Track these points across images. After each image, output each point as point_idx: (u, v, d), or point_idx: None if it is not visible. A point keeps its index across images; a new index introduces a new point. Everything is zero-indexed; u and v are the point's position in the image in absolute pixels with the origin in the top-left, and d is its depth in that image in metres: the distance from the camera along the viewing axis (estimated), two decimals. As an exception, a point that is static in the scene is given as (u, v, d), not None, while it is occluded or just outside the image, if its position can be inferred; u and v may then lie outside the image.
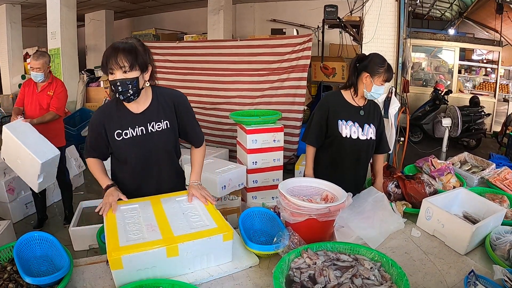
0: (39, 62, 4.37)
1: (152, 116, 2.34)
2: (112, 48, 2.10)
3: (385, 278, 1.77)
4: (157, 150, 2.38)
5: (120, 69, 2.08)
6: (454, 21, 13.61)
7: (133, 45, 2.13)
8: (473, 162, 3.72)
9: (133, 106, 2.31)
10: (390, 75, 2.82)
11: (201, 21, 11.68)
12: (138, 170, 2.41)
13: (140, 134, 2.31)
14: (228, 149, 6.95)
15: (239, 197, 4.44)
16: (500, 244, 2.18)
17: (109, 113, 2.32)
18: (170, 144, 2.44)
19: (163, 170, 2.47)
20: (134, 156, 2.35)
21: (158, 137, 2.35)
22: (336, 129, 2.92)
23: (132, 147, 2.32)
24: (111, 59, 2.06)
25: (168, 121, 2.37)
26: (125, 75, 2.10)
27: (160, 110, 2.35)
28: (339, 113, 2.93)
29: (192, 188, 2.37)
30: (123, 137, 2.30)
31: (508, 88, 12.04)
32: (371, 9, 5.26)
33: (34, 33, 14.36)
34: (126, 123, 2.30)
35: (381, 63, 2.80)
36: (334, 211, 2.12)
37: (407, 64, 5.36)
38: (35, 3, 10.04)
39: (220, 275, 1.95)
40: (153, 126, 2.33)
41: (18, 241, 1.95)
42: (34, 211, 5.20)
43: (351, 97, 2.96)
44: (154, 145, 2.35)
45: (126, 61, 2.07)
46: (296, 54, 6.30)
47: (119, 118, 2.31)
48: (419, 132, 9.56)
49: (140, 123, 2.32)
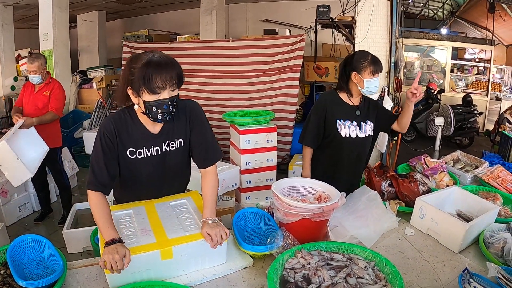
0: (34, 65, 4.38)
1: (168, 135, 2.17)
2: (158, 64, 1.87)
3: (379, 277, 1.78)
4: (170, 169, 2.25)
5: (170, 87, 1.91)
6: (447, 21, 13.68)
7: (174, 59, 1.96)
8: (466, 161, 3.74)
9: (151, 125, 2.13)
10: (376, 66, 2.81)
11: (193, 21, 11.67)
12: (145, 188, 2.29)
13: (155, 154, 2.16)
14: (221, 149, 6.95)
15: (233, 197, 4.44)
16: (494, 241, 2.19)
17: (123, 125, 2.10)
18: (183, 162, 2.31)
19: (173, 188, 2.40)
20: (146, 175, 2.21)
21: (171, 157, 2.22)
22: (335, 129, 2.92)
23: (145, 166, 2.18)
24: (164, 76, 1.86)
25: (182, 139, 2.21)
26: (172, 93, 1.93)
27: (175, 128, 2.18)
28: (336, 113, 2.94)
29: (206, 226, 1.94)
30: (136, 156, 2.13)
31: (500, 87, 12.10)
32: (364, 9, 5.28)
33: (26, 34, 14.27)
34: (142, 142, 2.13)
35: (364, 57, 2.82)
36: (328, 211, 2.12)
37: (400, 63, 5.38)
38: (27, 4, 9.98)
39: (214, 276, 1.94)
40: (168, 145, 2.18)
41: (11, 244, 1.94)
42: (28, 213, 5.20)
43: (347, 97, 2.98)
44: (167, 165, 2.22)
45: (176, 77, 1.91)
46: (289, 54, 6.31)
47: (135, 134, 2.12)
48: (412, 131, 9.58)
49: (156, 143, 2.16)
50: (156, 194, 2.33)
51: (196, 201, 2.33)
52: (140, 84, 1.86)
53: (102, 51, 12.48)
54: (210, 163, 2.26)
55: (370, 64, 2.79)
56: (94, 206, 1.98)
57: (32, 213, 5.26)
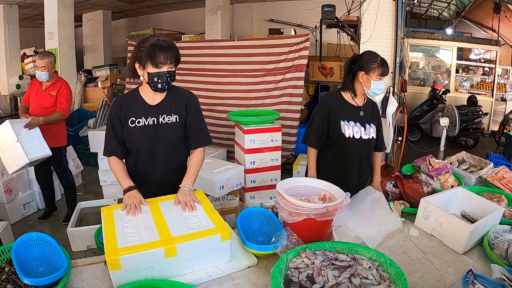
0: (43, 61, 4.41)
1: (165, 109, 2.51)
2: (161, 45, 2.34)
3: (383, 277, 1.78)
4: (164, 141, 2.51)
5: (170, 64, 2.38)
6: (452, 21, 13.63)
7: (174, 44, 2.45)
8: (471, 162, 3.73)
9: (150, 98, 2.51)
10: (385, 69, 2.81)
11: (198, 21, 11.68)
12: (144, 159, 2.54)
13: (151, 124, 2.48)
14: (226, 149, 6.94)
15: (237, 197, 4.43)
16: (498, 243, 2.18)
17: (127, 101, 2.52)
18: (177, 137, 2.54)
19: (168, 162, 2.57)
20: (143, 143, 2.49)
21: (166, 129, 2.50)
22: (339, 130, 2.89)
23: (141, 135, 2.48)
24: (165, 54, 2.34)
25: (178, 115, 2.52)
26: (170, 69, 2.41)
27: (173, 105, 2.53)
28: (340, 114, 2.91)
29: (179, 192, 2.38)
30: (135, 125, 2.47)
31: (505, 88, 12.05)
32: (369, 9, 5.27)
33: (31, 33, 14.32)
34: (141, 112, 2.48)
35: (373, 58, 2.81)
36: (332, 210, 2.12)
37: (405, 63, 5.37)
38: (32, 4, 10.01)
39: (218, 275, 1.94)
40: (164, 118, 2.50)
41: (16, 242, 1.95)
42: (32, 211, 5.21)
43: (350, 97, 2.95)
44: (162, 135, 2.50)
45: (175, 57, 2.40)
46: (294, 54, 6.30)
47: (136, 107, 2.49)
48: (417, 131, 9.56)
49: (153, 114, 2.49)
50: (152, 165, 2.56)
51: (200, 200, 2.33)
52: (147, 59, 2.33)
53: (107, 50, 12.50)
54: (199, 145, 2.61)
55: (380, 66, 2.78)
56: (112, 166, 2.51)
57: (36, 211, 5.28)
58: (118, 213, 2.17)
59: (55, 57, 4.63)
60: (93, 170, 6.01)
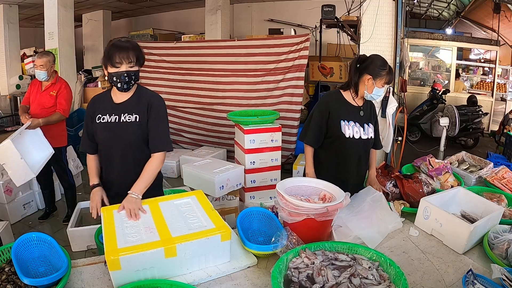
0: (42, 60, 4.41)
1: (127, 108, 2.54)
2: (118, 45, 2.40)
3: (383, 277, 1.78)
4: (122, 139, 2.53)
5: (129, 63, 2.39)
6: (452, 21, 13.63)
7: (136, 43, 2.48)
8: (470, 161, 3.73)
9: (116, 97, 2.57)
10: (391, 78, 2.83)
11: (198, 21, 11.67)
12: (104, 156, 2.63)
13: (113, 121, 2.52)
14: (226, 149, 6.96)
15: (237, 197, 4.44)
16: (498, 243, 2.18)
17: (98, 99, 2.64)
18: (133, 137, 2.53)
19: (124, 162, 2.58)
20: (102, 139, 2.57)
21: (125, 128, 2.51)
22: (338, 130, 2.89)
23: (102, 131, 2.55)
24: (121, 54, 2.37)
25: (138, 115, 2.52)
26: (130, 68, 2.41)
27: (135, 105, 2.54)
28: (340, 114, 2.91)
29: (125, 199, 2.28)
30: (100, 121, 2.54)
31: (505, 88, 12.05)
32: (369, 9, 5.27)
33: (31, 33, 14.31)
34: (106, 109, 2.56)
35: (383, 65, 2.80)
36: (332, 210, 2.12)
37: (405, 63, 5.37)
38: (32, 4, 10.01)
39: (218, 275, 1.95)
40: (125, 117, 2.52)
41: (16, 242, 1.95)
42: (33, 211, 5.21)
43: (351, 97, 2.95)
44: (120, 134, 2.52)
45: (133, 57, 2.40)
46: (294, 54, 6.31)
47: (103, 104, 2.59)
48: (417, 131, 9.57)
49: (116, 111, 2.54)
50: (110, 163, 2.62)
51: (200, 200, 2.34)
52: (106, 59, 2.40)
53: (107, 50, 12.48)
54: (156, 150, 2.56)
55: (387, 75, 2.79)
56: (87, 163, 2.69)
57: (36, 211, 5.28)
58: (118, 214, 2.17)
59: (54, 57, 4.62)
60: (93, 170, 6.01)
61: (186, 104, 7.48)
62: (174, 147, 7.78)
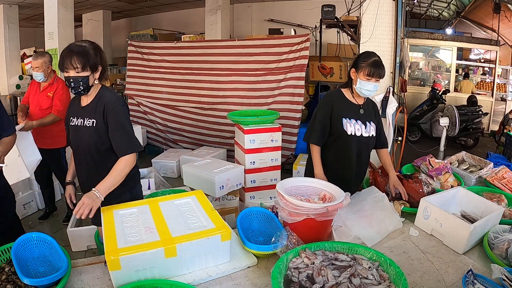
0: (37, 62, 4.38)
1: (87, 112, 2.54)
2: (67, 50, 2.39)
3: (383, 277, 1.78)
4: (83, 143, 2.56)
5: (74, 69, 2.37)
6: (452, 21, 13.64)
7: (85, 48, 2.43)
8: (470, 161, 3.73)
9: (83, 100, 2.59)
10: (374, 71, 2.79)
11: (198, 21, 11.68)
12: (73, 155, 2.73)
13: (78, 125, 2.56)
14: (226, 149, 6.96)
15: (237, 197, 4.43)
16: (498, 243, 2.18)
17: (72, 102, 2.71)
18: (91, 142, 2.52)
19: (87, 165, 2.62)
20: (71, 141, 2.66)
21: (84, 132, 2.53)
22: (341, 127, 2.91)
23: (71, 133, 2.64)
24: (66, 60, 2.36)
25: (95, 120, 2.50)
26: (77, 74, 2.39)
27: (93, 109, 2.52)
28: (342, 111, 2.94)
29: (86, 194, 2.27)
30: (70, 123, 2.62)
31: (505, 88, 12.06)
32: (369, 9, 5.26)
33: (31, 33, 14.33)
34: (74, 112, 2.61)
35: (366, 57, 2.83)
36: (332, 210, 2.12)
37: (405, 63, 5.37)
38: (32, 4, 10.01)
39: (218, 275, 1.95)
40: (87, 121, 2.53)
41: (16, 242, 1.95)
42: (32, 211, 5.21)
43: (350, 95, 2.98)
44: (81, 138, 2.56)
45: (79, 63, 2.37)
46: (294, 54, 6.31)
47: (74, 106, 2.65)
48: (417, 131, 9.58)
49: (81, 115, 2.56)
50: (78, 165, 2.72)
51: (200, 200, 2.34)
52: (59, 64, 2.41)
53: (107, 50, 12.49)
54: (120, 154, 2.48)
55: (368, 66, 2.78)
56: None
57: (36, 211, 5.28)
58: (118, 213, 2.17)
59: (50, 57, 4.58)
60: (93, 170, 6.01)
61: (186, 104, 7.47)
62: (174, 147, 7.80)
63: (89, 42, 2.52)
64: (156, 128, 8.06)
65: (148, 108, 8.00)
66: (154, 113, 7.94)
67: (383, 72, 2.84)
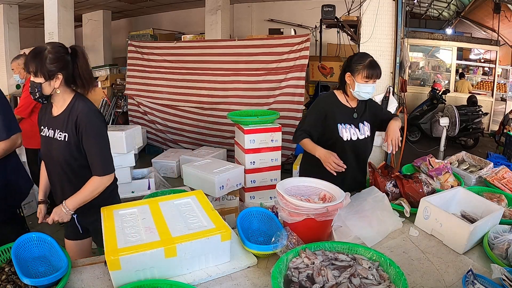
0: (13, 64, 4.43)
1: (59, 123, 2.33)
2: (29, 51, 2.24)
3: (383, 277, 1.77)
4: (54, 157, 2.38)
5: (30, 73, 2.22)
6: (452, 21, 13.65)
7: (42, 52, 2.20)
8: (470, 161, 3.72)
9: (54, 109, 2.38)
10: (372, 72, 2.75)
11: (199, 21, 11.68)
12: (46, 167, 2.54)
13: (50, 136, 2.37)
14: (226, 149, 6.97)
15: (237, 197, 4.44)
16: (498, 243, 2.18)
17: (43, 109, 2.48)
18: (61, 157, 2.34)
19: (59, 180, 2.47)
20: (42, 152, 2.47)
21: (55, 145, 2.35)
22: (336, 133, 2.91)
23: (42, 145, 2.45)
24: (26, 62, 2.25)
25: (67, 134, 2.30)
26: (33, 78, 2.22)
27: (65, 121, 2.31)
28: (337, 117, 2.92)
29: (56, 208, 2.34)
30: (41, 134, 2.43)
31: (505, 88, 12.06)
32: (369, 9, 5.27)
33: (31, 33, 14.32)
34: (46, 121, 2.41)
35: (360, 59, 2.78)
36: (332, 210, 2.12)
37: (405, 63, 5.37)
38: (32, 4, 10.01)
39: (218, 275, 1.94)
40: (58, 133, 2.33)
41: (16, 242, 1.95)
42: (32, 211, 5.19)
43: (344, 98, 2.97)
44: (52, 151, 2.38)
45: (32, 67, 2.19)
46: (294, 54, 6.32)
47: (46, 114, 2.43)
48: (417, 131, 9.58)
49: (52, 126, 2.36)
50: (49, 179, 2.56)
51: (200, 200, 2.34)
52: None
53: (107, 50, 12.48)
54: (93, 173, 2.33)
55: (366, 68, 2.74)
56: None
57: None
58: (118, 213, 2.17)
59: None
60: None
61: (186, 103, 7.48)
62: (174, 147, 7.81)
63: (56, 45, 2.28)
64: (156, 128, 8.06)
65: (148, 108, 8.01)
66: (154, 113, 7.94)
67: (380, 72, 2.80)
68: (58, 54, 2.24)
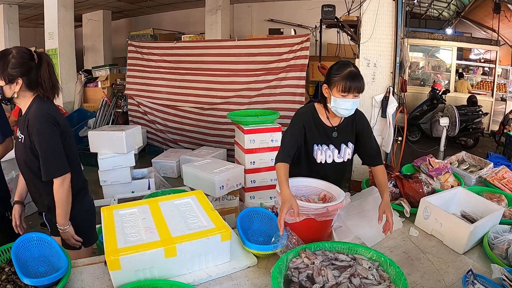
0: None
1: (20, 125, 2.39)
2: None
3: (383, 277, 1.78)
4: (18, 158, 2.43)
5: None
6: (452, 21, 13.65)
7: (5, 55, 2.24)
8: (471, 161, 3.73)
9: (22, 110, 2.40)
10: (351, 84, 2.32)
11: (198, 21, 11.69)
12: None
13: (16, 136, 2.43)
14: (226, 149, 6.96)
15: (237, 197, 4.43)
16: (498, 243, 2.18)
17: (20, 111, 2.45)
18: (23, 158, 2.39)
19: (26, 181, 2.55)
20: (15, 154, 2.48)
21: (18, 147, 2.41)
22: (311, 154, 2.60)
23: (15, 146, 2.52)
24: None
25: (23, 136, 2.34)
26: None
27: (23, 123, 2.34)
28: (314, 137, 2.58)
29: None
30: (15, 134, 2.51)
31: (505, 88, 12.06)
32: (369, 9, 5.27)
33: (31, 33, 14.32)
34: (18, 123, 2.44)
35: (338, 69, 2.38)
36: (332, 211, 2.12)
37: (405, 63, 5.37)
38: (32, 4, 10.02)
39: (218, 275, 1.94)
40: (19, 134, 2.38)
41: (16, 242, 1.95)
42: (33, 211, 5.19)
43: (325, 115, 2.58)
44: (16, 152, 2.45)
45: None
46: (294, 53, 6.31)
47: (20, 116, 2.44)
48: (417, 131, 9.58)
49: (18, 127, 2.42)
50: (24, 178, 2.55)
51: (200, 200, 2.33)
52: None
53: (107, 50, 12.50)
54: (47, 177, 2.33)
55: (343, 80, 2.32)
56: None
57: (36, 211, 5.26)
58: (118, 213, 2.16)
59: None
60: (93, 170, 5.99)
61: (186, 103, 7.47)
62: (174, 147, 7.81)
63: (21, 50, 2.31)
64: (156, 128, 8.06)
65: (148, 108, 8.00)
66: (154, 113, 7.94)
67: (362, 85, 2.36)
68: (21, 60, 2.25)
